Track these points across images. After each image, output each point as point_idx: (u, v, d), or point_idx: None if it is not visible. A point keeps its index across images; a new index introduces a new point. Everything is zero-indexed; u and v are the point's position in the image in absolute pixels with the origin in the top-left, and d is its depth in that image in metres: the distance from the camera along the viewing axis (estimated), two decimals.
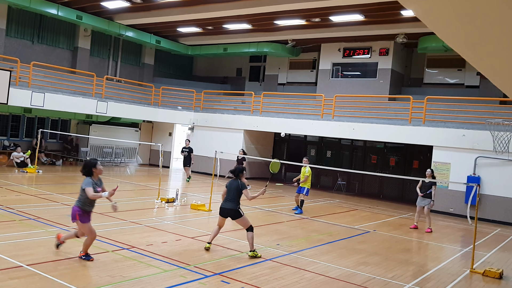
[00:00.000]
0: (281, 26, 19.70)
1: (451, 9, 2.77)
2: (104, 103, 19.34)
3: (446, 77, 19.90)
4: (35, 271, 6.04)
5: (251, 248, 7.84)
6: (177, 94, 22.79)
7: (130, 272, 6.40)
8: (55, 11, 18.54)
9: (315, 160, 21.58)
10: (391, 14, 16.45)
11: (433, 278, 7.62)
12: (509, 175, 14.33)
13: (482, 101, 16.43)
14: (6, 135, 19.06)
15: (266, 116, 19.99)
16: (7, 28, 18.88)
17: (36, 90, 17.06)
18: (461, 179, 14.58)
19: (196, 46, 24.68)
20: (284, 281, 6.71)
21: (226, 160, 19.55)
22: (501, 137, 13.43)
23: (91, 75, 19.75)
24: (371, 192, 19.63)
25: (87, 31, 21.45)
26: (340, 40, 20.79)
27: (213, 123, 21.35)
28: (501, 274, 7.99)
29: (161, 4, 18.14)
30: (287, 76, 23.87)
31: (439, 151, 15.65)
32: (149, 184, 16.28)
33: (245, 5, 16.91)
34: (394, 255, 9.16)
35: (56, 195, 12.15)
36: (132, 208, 11.36)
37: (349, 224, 12.08)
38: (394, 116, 17.35)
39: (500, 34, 3.06)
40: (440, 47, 17.21)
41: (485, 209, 14.56)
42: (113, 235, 8.37)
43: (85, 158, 20.67)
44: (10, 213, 9.44)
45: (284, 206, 14.16)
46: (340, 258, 8.38)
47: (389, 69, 19.91)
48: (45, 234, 8.04)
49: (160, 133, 23.81)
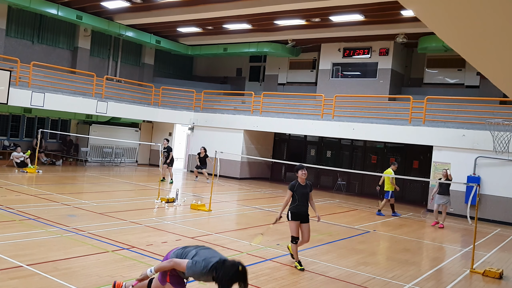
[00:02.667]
0: (281, 26, 19.70)
1: (451, 9, 2.77)
2: (104, 103, 19.34)
3: (446, 77, 19.90)
4: (35, 271, 6.04)
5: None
6: (177, 94, 22.79)
7: (130, 272, 6.39)
8: (55, 11, 18.54)
9: (315, 160, 21.59)
10: (391, 14, 16.45)
11: (433, 278, 7.62)
12: (509, 175, 14.33)
13: (482, 101, 16.42)
14: (6, 135, 19.07)
15: (266, 116, 19.99)
16: (7, 28, 18.88)
17: (36, 90, 17.06)
18: (461, 179, 14.58)
19: (196, 46, 24.68)
20: (284, 281, 6.70)
21: (226, 160, 19.56)
22: (501, 137, 13.43)
23: (91, 75, 19.75)
24: (371, 192, 19.62)
25: (87, 31, 21.45)
26: (340, 40, 20.79)
27: (213, 123, 21.36)
28: (501, 274, 7.99)
29: (161, 4, 18.14)
30: (287, 76, 23.87)
31: (439, 151, 15.65)
32: (149, 184, 16.28)
33: (245, 5, 16.91)
34: (394, 255, 9.16)
35: (56, 195, 12.15)
36: (132, 208, 11.36)
37: (349, 224, 12.08)
38: (394, 116, 17.35)
39: (500, 33, 3.06)
40: (440, 47, 17.21)
41: (485, 209, 14.56)
42: (113, 235, 8.37)
43: (85, 158, 20.70)
44: (10, 213, 9.44)
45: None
46: (340, 258, 8.38)
47: (389, 69, 19.91)
48: (45, 234, 8.04)
49: (160, 133, 23.80)
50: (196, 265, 4.22)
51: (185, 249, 4.52)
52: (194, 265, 4.23)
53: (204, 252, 4.38)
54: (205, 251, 4.41)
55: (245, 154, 20.30)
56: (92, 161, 21.05)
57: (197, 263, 4.23)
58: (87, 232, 8.40)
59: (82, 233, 8.32)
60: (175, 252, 4.55)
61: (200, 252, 4.39)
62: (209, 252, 4.40)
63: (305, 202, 7.51)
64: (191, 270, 4.24)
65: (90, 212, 10.37)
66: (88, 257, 6.92)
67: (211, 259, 4.23)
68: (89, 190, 14.42)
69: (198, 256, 4.31)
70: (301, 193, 7.44)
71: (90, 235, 8.20)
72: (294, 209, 7.45)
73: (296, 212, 7.45)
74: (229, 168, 20.41)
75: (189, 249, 4.49)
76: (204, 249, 4.46)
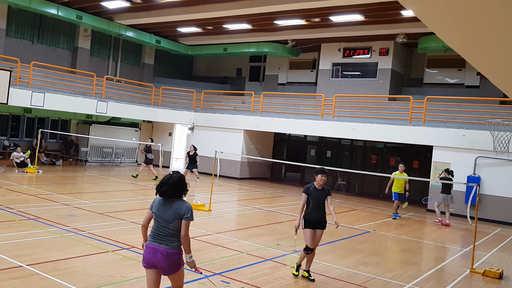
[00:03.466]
0: (281, 26, 19.70)
1: (451, 9, 2.77)
2: (104, 103, 19.34)
3: (446, 77, 19.90)
4: (35, 271, 6.04)
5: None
6: (177, 94, 22.80)
7: (130, 272, 6.39)
8: (55, 11, 18.54)
9: (315, 160, 21.59)
10: (391, 14, 16.45)
11: (433, 278, 7.62)
12: (509, 175, 14.33)
13: (482, 101, 16.42)
14: (6, 135, 19.07)
15: (266, 116, 19.99)
16: (7, 28, 18.88)
17: (36, 90, 17.06)
18: (461, 179, 14.58)
19: (196, 46, 24.68)
20: (284, 281, 6.70)
21: (226, 160, 19.56)
22: (501, 137, 13.43)
23: (91, 75, 19.75)
24: (371, 192, 19.63)
25: (87, 31, 21.45)
26: (340, 40, 20.78)
27: (213, 123, 21.36)
28: (501, 274, 7.99)
29: (161, 4, 18.14)
30: (287, 76, 23.86)
31: (439, 151, 15.65)
32: (149, 184, 16.27)
33: (245, 5, 16.91)
34: (394, 255, 9.17)
35: (56, 195, 12.15)
36: (132, 208, 11.36)
37: (349, 224, 12.08)
38: (394, 116, 17.35)
39: (500, 33, 3.06)
40: (440, 47, 17.21)
41: (485, 209, 14.56)
42: (113, 235, 8.37)
43: (85, 158, 20.70)
44: (10, 213, 9.44)
45: (284, 206, 14.17)
46: (340, 258, 8.38)
47: (389, 69, 19.91)
48: (45, 234, 8.04)
49: (160, 133, 23.81)
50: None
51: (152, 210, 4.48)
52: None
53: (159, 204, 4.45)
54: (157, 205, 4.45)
55: (245, 154, 20.30)
56: (92, 161, 21.05)
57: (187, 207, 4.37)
58: (87, 232, 8.40)
59: (82, 233, 8.32)
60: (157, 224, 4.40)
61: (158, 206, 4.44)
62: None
63: (321, 207, 6.84)
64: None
65: (90, 212, 10.37)
66: (88, 257, 6.92)
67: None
68: (89, 190, 14.42)
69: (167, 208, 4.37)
70: (316, 197, 6.80)
71: (90, 235, 8.20)
72: (307, 216, 6.80)
73: (310, 219, 6.78)
74: (229, 168, 20.41)
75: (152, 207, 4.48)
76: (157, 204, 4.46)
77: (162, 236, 4.33)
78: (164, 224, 4.33)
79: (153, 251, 4.29)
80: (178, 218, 4.32)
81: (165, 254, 4.27)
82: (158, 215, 4.38)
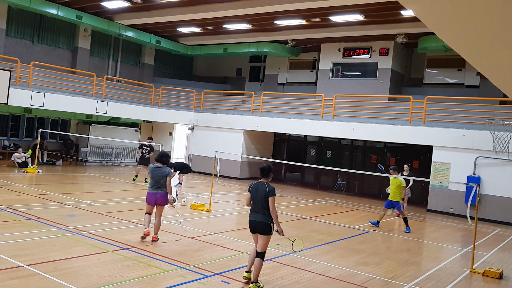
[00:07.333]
0: (281, 26, 19.70)
1: (451, 9, 2.77)
2: (104, 103, 19.34)
3: (446, 77, 19.90)
4: (35, 271, 6.04)
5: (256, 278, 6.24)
6: (177, 94, 22.80)
7: (130, 272, 6.40)
8: (55, 11, 18.54)
9: (315, 160, 21.60)
10: (391, 14, 16.45)
11: (433, 278, 7.62)
12: (509, 175, 14.33)
13: (482, 101, 16.42)
14: (6, 135, 19.06)
15: (266, 116, 19.99)
16: (7, 28, 18.88)
17: (36, 90, 17.06)
18: (461, 179, 14.58)
19: (196, 46, 24.68)
20: (284, 281, 6.71)
21: (226, 160, 19.57)
22: (501, 137, 13.43)
23: (91, 75, 19.75)
24: (371, 192, 19.63)
25: (87, 31, 21.45)
26: (340, 40, 20.79)
27: (213, 123, 21.35)
28: (501, 274, 7.99)
29: (161, 4, 18.14)
30: (287, 76, 23.87)
31: (439, 151, 15.65)
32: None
33: (245, 5, 16.91)
34: (394, 255, 9.17)
35: (56, 195, 12.15)
36: (132, 208, 11.36)
37: (349, 224, 12.08)
38: (394, 116, 17.35)
39: (500, 34, 3.06)
40: (440, 47, 17.22)
41: (485, 209, 14.56)
42: (113, 235, 8.37)
43: (85, 158, 20.70)
44: (10, 213, 9.44)
45: (284, 206, 14.17)
46: (340, 258, 8.39)
47: (389, 69, 19.91)
48: (45, 234, 8.04)
49: (160, 133, 23.81)
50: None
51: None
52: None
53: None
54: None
55: (245, 154, 20.30)
56: (92, 161, 21.06)
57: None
58: (87, 232, 8.40)
59: (82, 233, 8.32)
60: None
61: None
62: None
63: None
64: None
65: (90, 212, 10.37)
66: (88, 257, 6.92)
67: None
68: (89, 190, 14.42)
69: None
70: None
71: (90, 235, 8.21)
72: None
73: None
74: (229, 168, 20.41)
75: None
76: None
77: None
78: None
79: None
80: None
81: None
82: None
